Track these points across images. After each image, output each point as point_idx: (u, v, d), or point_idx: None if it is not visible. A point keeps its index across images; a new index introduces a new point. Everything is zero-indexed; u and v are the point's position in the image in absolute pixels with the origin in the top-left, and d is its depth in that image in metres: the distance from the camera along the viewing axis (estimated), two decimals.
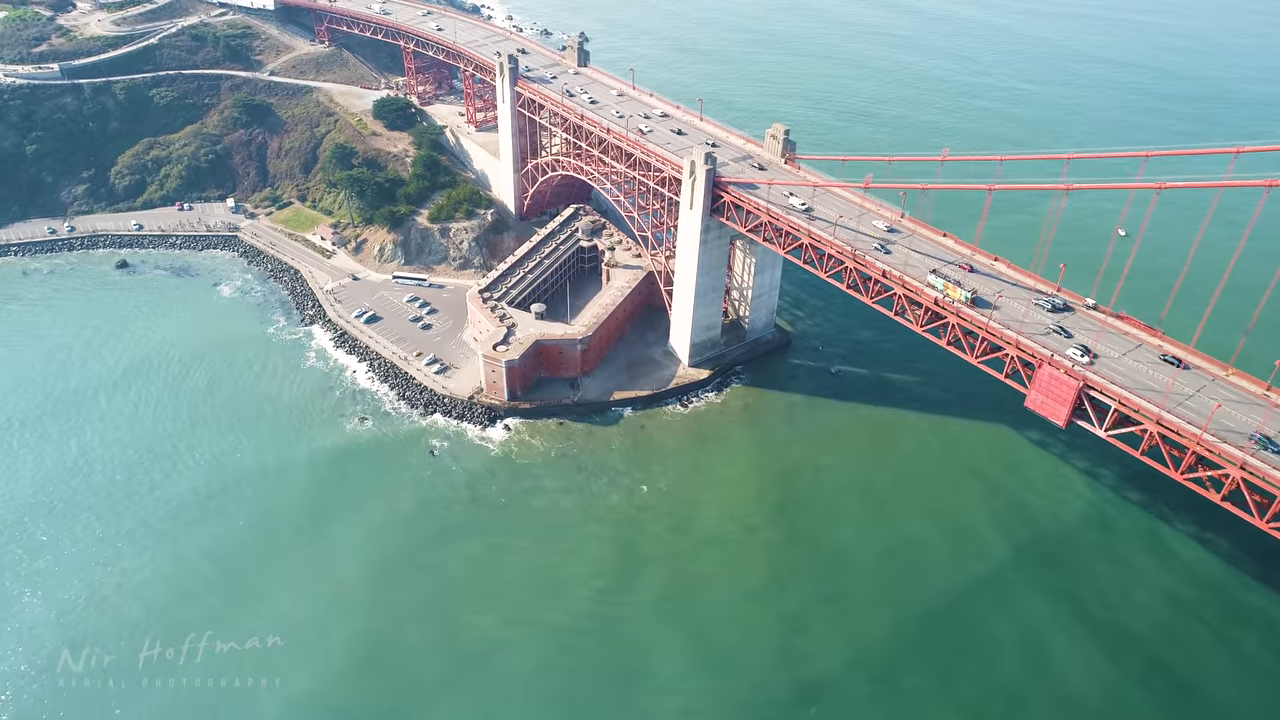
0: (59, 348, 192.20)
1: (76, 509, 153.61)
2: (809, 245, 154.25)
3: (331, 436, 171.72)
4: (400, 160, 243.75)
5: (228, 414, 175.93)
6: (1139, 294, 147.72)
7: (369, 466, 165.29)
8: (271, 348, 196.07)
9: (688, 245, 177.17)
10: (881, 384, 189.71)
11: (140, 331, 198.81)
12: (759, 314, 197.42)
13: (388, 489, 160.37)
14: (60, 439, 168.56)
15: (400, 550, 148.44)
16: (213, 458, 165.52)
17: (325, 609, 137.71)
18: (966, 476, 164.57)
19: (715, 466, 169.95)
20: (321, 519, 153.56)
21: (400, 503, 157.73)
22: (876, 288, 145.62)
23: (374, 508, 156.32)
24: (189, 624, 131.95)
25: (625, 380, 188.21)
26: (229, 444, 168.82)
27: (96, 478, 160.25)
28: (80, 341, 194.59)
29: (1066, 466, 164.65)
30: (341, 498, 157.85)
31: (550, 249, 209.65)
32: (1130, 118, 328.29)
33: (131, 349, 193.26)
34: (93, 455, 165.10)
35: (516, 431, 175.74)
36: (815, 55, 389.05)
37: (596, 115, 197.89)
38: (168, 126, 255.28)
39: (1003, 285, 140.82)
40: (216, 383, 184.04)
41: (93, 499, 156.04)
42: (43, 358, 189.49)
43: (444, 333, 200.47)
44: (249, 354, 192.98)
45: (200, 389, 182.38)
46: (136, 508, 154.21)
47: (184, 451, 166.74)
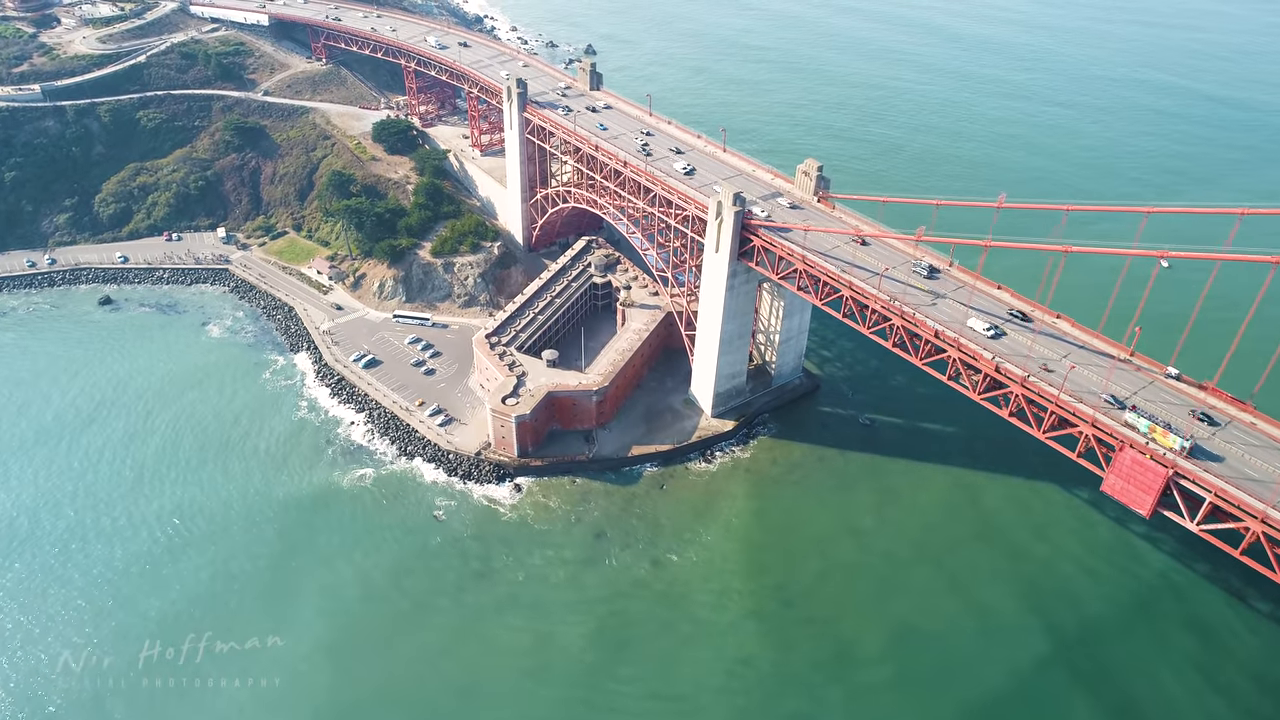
0: (33, 398, 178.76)
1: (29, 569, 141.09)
2: (850, 298, 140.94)
3: (325, 501, 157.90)
4: (401, 187, 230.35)
5: (207, 471, 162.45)
6: (1233, 363, 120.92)
7: (365, 535, 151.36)
8: (262, 396, 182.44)
9: (712, 291, 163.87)
10: (917, 436, 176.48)
11: (119, 376, 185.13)
12: (786, 358, 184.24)
13: (388, 562, 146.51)
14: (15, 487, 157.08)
15: (411, 642, 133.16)
16: (182, 521, 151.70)
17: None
18: (1015, 548, 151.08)
19: (747, 532, 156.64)
20: (309, 599, 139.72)
21: (404, 578, 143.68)
22: (927, 347, 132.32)
23: (376, 583, 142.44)
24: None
25: (644, 433, 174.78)
26: (203, 504, 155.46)
27: (43, 541, 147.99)
28: (56, 389, 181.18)
29: (1128, 538, 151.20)
30: (334, 575, 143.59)
31: (561, 287, 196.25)
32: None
33: (107, 397, 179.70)
34: (40, 518, 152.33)
35: (529, 492, 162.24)
36: (832, 79, 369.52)
37: (613, 146, 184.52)
38: (155, 151, 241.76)
39: (1068, 348, 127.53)
40: (198, 437, 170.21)
41: (42, 558, 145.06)
42: (5, 404, 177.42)
43: (448, 378, 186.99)
44: (236, 404, 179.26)
45: (178, 443, 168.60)
46: (92, 565, 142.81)
47: (146, 515, 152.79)
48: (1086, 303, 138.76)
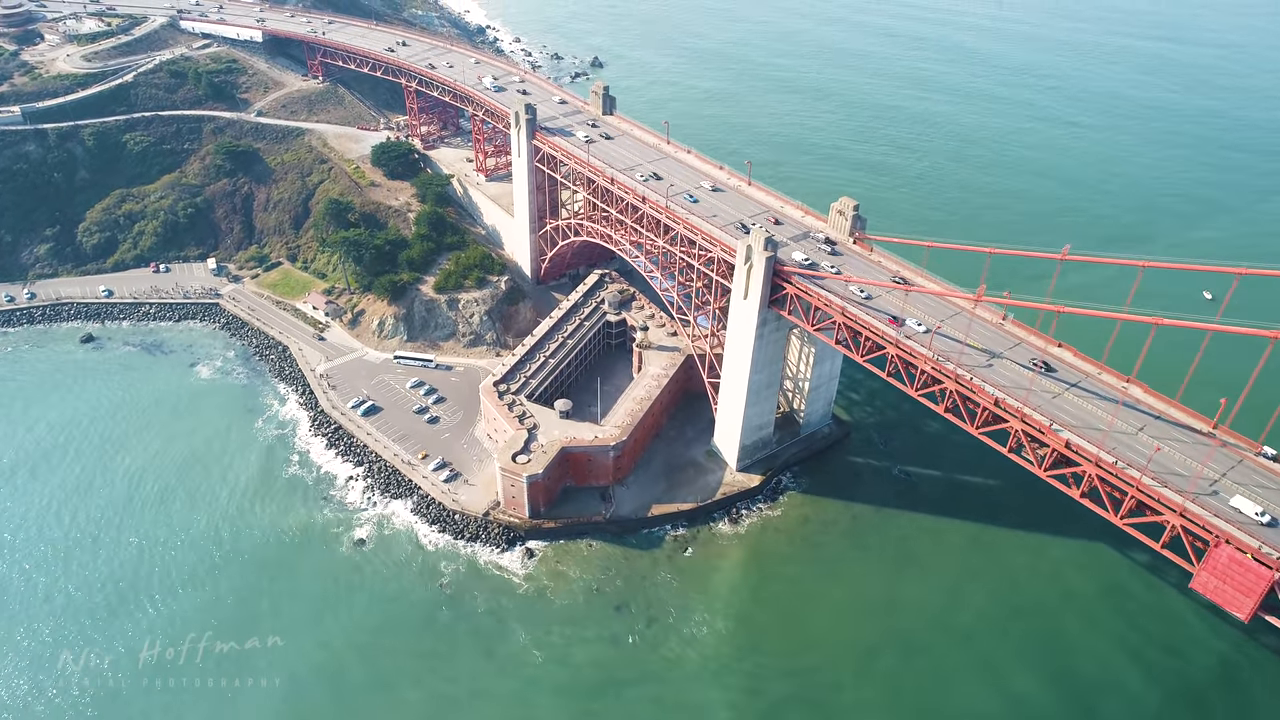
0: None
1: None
2: (896, 356, 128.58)
3: (321, 571, 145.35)
4: (402, 216, 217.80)
5: (191, 533, 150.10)
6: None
7: (367, 610, 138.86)
8: (252, 448, 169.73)
9: (740, 340, 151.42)
10: (957, 490, 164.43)
11: (93, 425, 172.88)
12: (815, 405, 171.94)
13: (394, 642, 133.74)
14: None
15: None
16: (150, 606, 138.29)
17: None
18: (1073, 620, 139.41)
19: (780, 604, 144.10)
20: (306, 687, 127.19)
21: (413, 662, 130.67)
22: (985, 415, 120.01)
23: (383, 669, 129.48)
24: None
25: (664, 490, 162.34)
26: (183, 569, 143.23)
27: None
28: (28, 441, 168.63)
29: (1186, 623, 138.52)
30: (333, 659, 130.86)
31: (573, 326, 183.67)
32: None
33: (78, 447, 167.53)
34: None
35: (543, 558, 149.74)
36: (855, 104, 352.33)
37: (630, 180, 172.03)
38: (142, 176, 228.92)
39: (1145, 419, 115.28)
40: (183, 494, 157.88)
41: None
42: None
43: (453, 427, 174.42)
44: (225, 458, 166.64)
45: (159, 502, 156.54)
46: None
47: (105, 586, 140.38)
48: (1161, 367, 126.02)
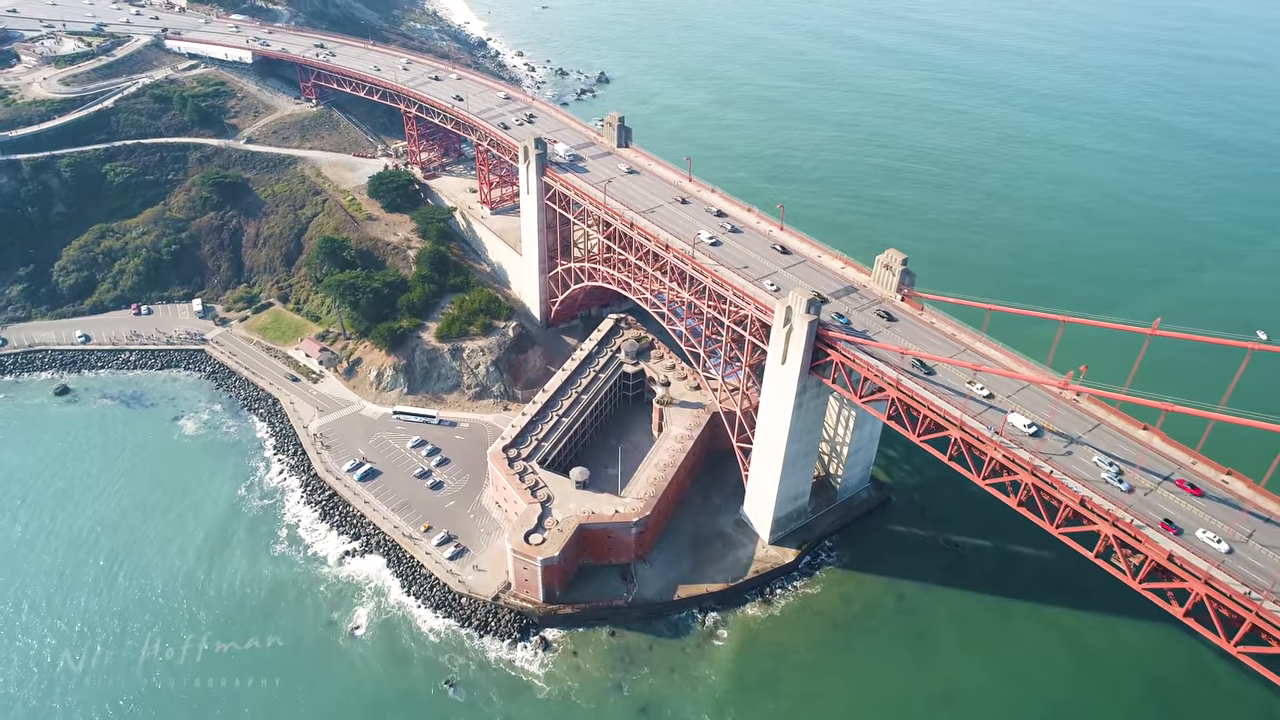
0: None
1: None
2: (961, 440, 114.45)
3: (311, 672, 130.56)
4: (401, 253, 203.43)
5: (159, 627, 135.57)
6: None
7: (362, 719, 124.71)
8: (237, 520, 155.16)
9: (777, 408, 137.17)
10: (1010, 562, 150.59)
11: (69, 492, 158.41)
12: (854, 470, 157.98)
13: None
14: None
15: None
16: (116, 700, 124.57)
17: None
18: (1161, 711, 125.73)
19: (822, 700, 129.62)
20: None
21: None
22: (1067, 512, 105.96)
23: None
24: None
25: (690, 566, 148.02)
26: (150, 673, 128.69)
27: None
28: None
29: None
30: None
31: (587, 380, 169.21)
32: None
33: (36, 521, 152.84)
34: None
35: (559, 650, 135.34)
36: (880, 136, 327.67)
37: (652, 225, 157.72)
38: (123, 210, 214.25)
39: (1249, 520, 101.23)
40: (152, 583, 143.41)
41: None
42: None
43: (459, 493, 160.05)
44: (203, 534, 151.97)
45: (122, 588, 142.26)
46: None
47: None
48: (1256, 453, 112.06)
